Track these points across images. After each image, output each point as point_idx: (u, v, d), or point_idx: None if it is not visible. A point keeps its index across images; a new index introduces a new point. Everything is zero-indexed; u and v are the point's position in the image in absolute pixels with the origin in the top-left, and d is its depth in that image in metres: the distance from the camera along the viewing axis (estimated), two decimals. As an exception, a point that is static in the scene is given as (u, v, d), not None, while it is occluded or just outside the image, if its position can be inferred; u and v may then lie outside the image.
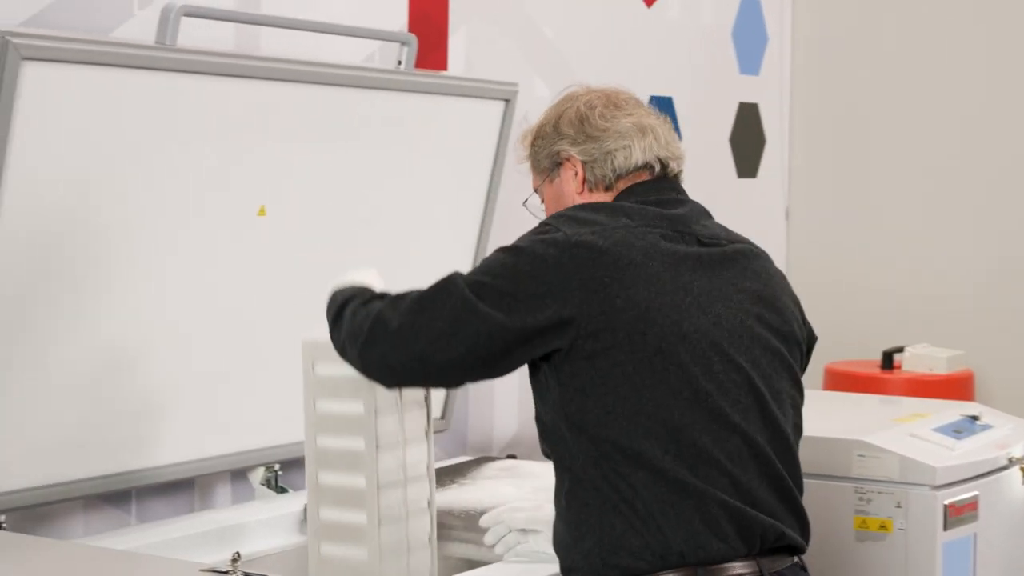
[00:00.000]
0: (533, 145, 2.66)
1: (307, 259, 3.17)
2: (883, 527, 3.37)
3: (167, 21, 2.75)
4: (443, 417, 3.66)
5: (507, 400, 4.03)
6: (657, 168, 2.60)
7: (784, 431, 2.48)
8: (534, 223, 2.52)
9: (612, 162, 2.57)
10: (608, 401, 2.37)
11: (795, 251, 5.29)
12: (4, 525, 2.72)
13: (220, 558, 2.39)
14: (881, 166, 5.18)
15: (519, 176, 2.91)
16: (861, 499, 3.39)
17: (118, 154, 2.73)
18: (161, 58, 2.74)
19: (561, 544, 2.47)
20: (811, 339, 2.67)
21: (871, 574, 3.39)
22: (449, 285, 2.42)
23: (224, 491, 3.30)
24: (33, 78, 2.51)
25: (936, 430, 3.56)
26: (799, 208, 5.32)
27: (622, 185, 2.58)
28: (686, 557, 2.37)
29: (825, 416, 3.67)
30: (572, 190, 2.60)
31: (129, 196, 2.77)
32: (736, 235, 2.61)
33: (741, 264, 2.54)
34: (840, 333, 5.11)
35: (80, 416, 2.80)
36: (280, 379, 3.19)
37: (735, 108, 5.07)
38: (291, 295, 3.15)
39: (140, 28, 2.97)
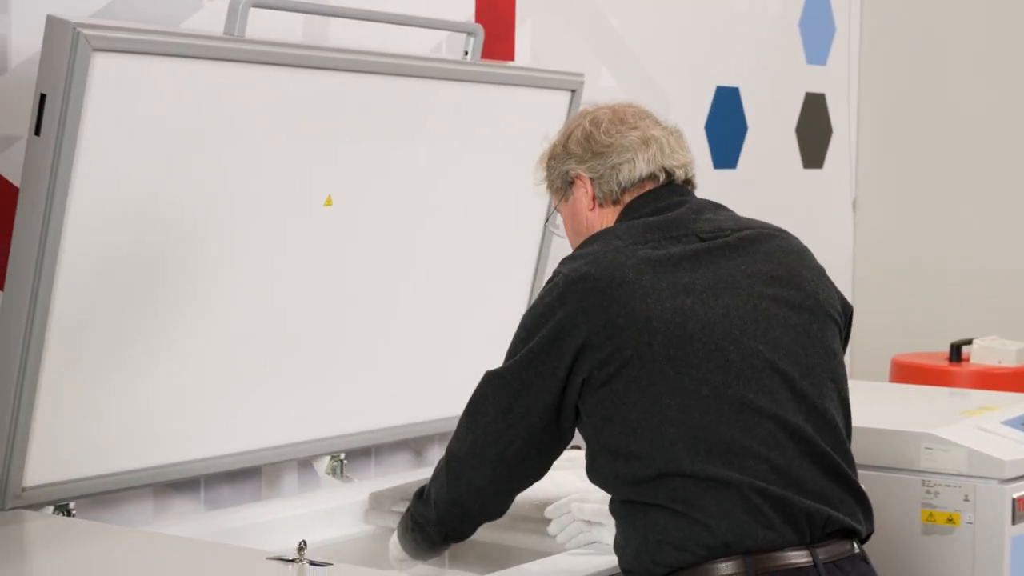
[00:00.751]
0: (547, 167, 2.70)
1: (373, 249, 3.18)
2: (950, 521, 3.34)
3: (236, 12, 2.76)
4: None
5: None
6: (663, 177, 2.61)
7: (821, 406, 2.47)
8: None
9: (617, 176, 2.60)
10: (632, 419, 2.40)
11: (862, 243, 5.26)
12: (74, 512, 2.74)
13: (286, 546, 2.40)
14: (949, 157, 5.14)
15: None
16: (928, 492, 3.36)
17: (187, 144, 2.74)
18: (230, 49, 2.75)
19: (617, 547, 2.52)
20: (845, 308, 2.65)
21: (938, 568, 3.37)
22: (483, 384, 2.54)
23: (291, 480, 3.32)
24: (103, 69, 2.53)
25: (1005, 423, 3.52)
26: (866, 199, 5.29)
27: (627, 198, 2.60)
28: (732, 547, 2.37)
29: (892, 408, 3.65)
30: (584, 208, 2.64)
31: (198, 186, 2.79)
32: (747, 221, 2.61)
33: (749, 249, 2.53)
34: (908, 325, 5.08)
35: (150, 405, 2.82)
36: (345, 368, 3.21)
37: (801, 98, 5.04)
38: (357, 285, 3.17)
39: (209, 19, 2.99)
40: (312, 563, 2.22)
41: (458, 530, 2.64)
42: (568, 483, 3.01)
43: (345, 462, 3.30)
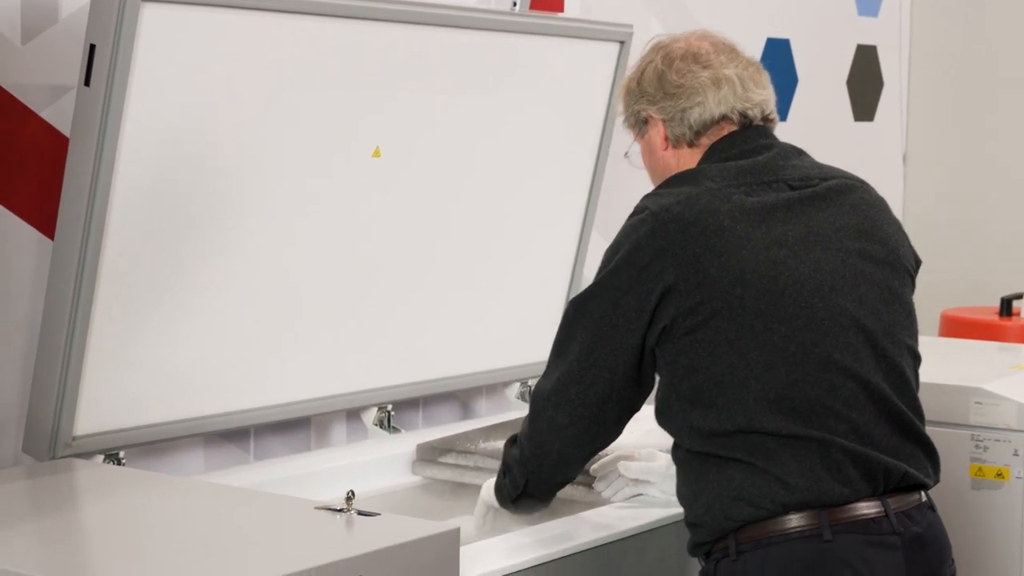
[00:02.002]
0: (624, 101, 2.67)
1: (421, 200, 3.18)
2: (1000, 475, 3.33)
3: (286, -37, 2.76)
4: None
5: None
6: (737, 118, 2.56)
7: (899, 365, 2.45)
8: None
9: (688, 119, 2.56)
10: (717, 372, 2.37)
11: (912, 196, 5.22)
12: (124, 461, 2.76)
13: (335, 496, 2.41)
14: (1000, 110, 5.09)
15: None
16: (978, 446, 3.35)
17: (235, 94, 2.74)
18: (280, 0, 2.75)
19: (683, 499, 2.48)
20: (917, 262, 2.63)
21: (987, 522, 3.36)
22: (569, 322, 2.49)
23: (339, 430, 3.33)
24: (152, 20, 2.53)
25: (1055, 378, 3.51)
26: (917, 152, 5.25)
27: (706, 141, 2.56)
28: (808, 505, 2.35)
29: (942, 363, 3.63)
30: (659, 147, 2.61)
31: (248, 136, 2.79)
32: (830, 170, 2.58)
33: (836, 201, 2.51)
34: (958, 279, 5.05)
35: (200, 355, 2.83)
36: (394, 319, 3.21)
37: (853, 50, 5.00)
38: (407, 236, 3.17)
39: (258, -30, 2.98)
40: (360, 512, 2.23)
41: (537, 473, 2.58)
42: (616, 435, 3.01)
43: (393, 413, 3.31)
